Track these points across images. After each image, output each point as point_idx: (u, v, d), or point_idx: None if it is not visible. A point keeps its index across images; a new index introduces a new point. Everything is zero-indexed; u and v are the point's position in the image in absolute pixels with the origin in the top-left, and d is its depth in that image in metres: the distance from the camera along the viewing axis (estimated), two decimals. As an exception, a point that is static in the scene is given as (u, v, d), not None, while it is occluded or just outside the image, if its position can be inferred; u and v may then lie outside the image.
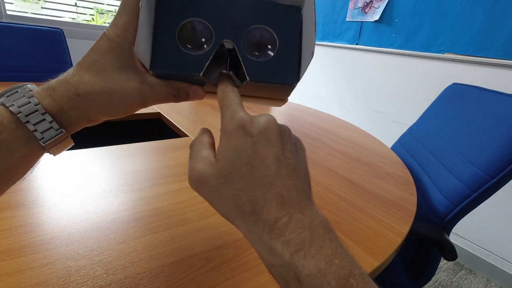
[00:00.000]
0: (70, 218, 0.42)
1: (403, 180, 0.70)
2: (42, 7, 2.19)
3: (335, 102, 2.25)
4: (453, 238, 1.62)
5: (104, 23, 2.41)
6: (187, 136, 0.82)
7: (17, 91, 0.23)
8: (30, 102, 0.22)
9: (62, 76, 0.24)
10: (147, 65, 0.24)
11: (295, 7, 0.25)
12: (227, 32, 0.24)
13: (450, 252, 0.59)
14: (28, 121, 0.22)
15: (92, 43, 0.25)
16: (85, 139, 0.94)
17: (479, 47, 1.40)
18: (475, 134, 0.68)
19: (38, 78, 1.33)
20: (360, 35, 1.94)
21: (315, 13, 0.23)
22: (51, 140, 0.23)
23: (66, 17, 2.27)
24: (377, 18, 1.80)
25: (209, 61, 0.24)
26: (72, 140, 0.26)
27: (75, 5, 2.30)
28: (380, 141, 1.01)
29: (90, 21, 2.37)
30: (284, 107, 1.39)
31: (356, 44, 1.97)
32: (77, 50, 2.23)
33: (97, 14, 2.38)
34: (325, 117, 1.28)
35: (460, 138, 0.73)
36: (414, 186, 0.67)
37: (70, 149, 0.27)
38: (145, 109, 1.00)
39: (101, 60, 0.24)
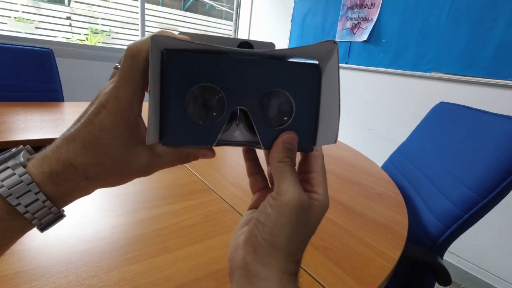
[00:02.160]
0: (39, 249, 0.39)
1: (394, 201, 0.69)
2: (36, 27, 2.21)
3: (327, 120, 2.26)
4: (448, 256, 1.59)
5: (98, 42, 2.43)
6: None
7: (9, 168, 0.20)
8: (30, 191, 0.20)
9: (63, 155, 0.21)
10: (156, 138, 0.22)
11: (313, 65, 0.22)
12: (240, 98, 0.21)
13: (444, 277, 0.57)
14: (27, 212, 0.20)
15: (84, 62, 0.22)
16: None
17: (464, 66, 1.43)
18: (464, 153, 0.68)
19: (27, 98, 1.31)
20: (349, 55, 1.98)
21: (338, 70, 0.20)
22: (49, 225, 0.22)
23: (60, 37, 2.28)
24: (365, 39, 1.84)
25: (221, 134, 0.22)
26: (64, 215, 0.23)
27: (70, 25, 2.32)
28: (371, 160, 1.00)
29: (84, 40, 2.39)
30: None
31: (346, 63, 2.01)
32: (69, 69, 2.24)
33: (91, 34, 2.40)
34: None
35: (450, 157, 0.72)
36: (405, 207, 0.65)
37: None
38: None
39: (106, 137, 0.21)
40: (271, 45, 0.24)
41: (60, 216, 0.22)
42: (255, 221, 0.22)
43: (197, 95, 0.21)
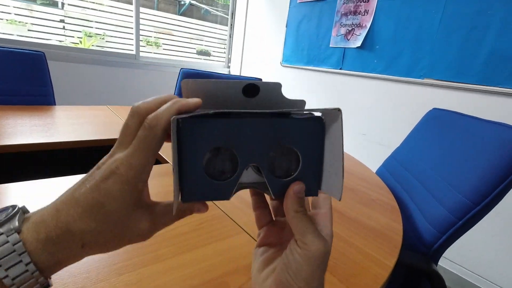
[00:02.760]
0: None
1: (388, 207, 0.69)
2: (28, 30, 2.18)
3: (321, 125, 2.27)
4: (441, 261, 1.59)
5: (92, 45, 2.41)
6: (168, 162, 0.79)
7: (3, 234, 0.19)
8: (21, 261, 0.19)
9: (62, 219, 0.20)
10: (176, 197, 0.23)
11: (316, 118, 0.24)
12: (251, 156, 0.23)
13: (439, 284, 0.57)
14: (13, 284, 0.19)
15: (77, 66, 0.21)
16: (55, 167, 0.90)
17: (456, 73, 1.45)
18: (457, 160, 0.68)
19: (17, 101, 1.29)
20: (343, 60, 2.00)
21: (342, 134, 0.22)
22: None
23: (53, 40, 2.26)
24: (359, 45, 1.86)
25: (236, 187, 0.24)
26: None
27: (63, 28, 2.30)
28: (365, 166, 1.01)
29: (78, 43, 2.37)
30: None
31: (340, 68, 2.03)
32: (61, 73, 2.21)
33: (85, 37, 2.38)
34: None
35: (443, 163, 0.73)
36: (400, 214, 0.65)
37: (31, 178, 0.24)
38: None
39: (110, 204, 0.21)
40: (277, 85, 0.25)
41: (46, 286, 0.21)
42: (284, 269, 0.23)
43: (212, 156, 0.23)
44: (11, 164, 0.83)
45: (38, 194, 0.55)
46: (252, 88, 0.24)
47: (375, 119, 1.89)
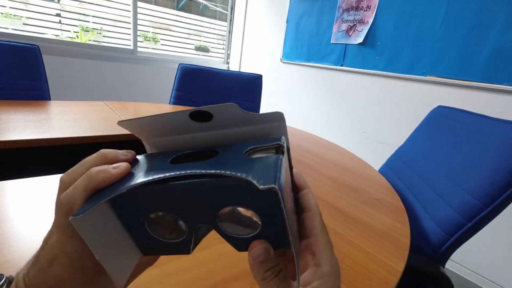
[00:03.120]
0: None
1: (393, 207, 0.67)
2: (23, 23, 2.14)
3: (321, 122, 2.25)
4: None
5: (89, 40, 2.37)
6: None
7: None
8: None
9: None
10: (139, 253, 0.22)
11: (271, 192, 0.17)
12: (197, 218, 0.20)
13: (447, 287, 0.55)
14: None
15: (73, 60, 0.19)
16: (49, 164, 0.87)
17: (459, 70, 1.43)
18: (465, 159, 0.66)
19: (10, 96, 1.25)
20: (344, 57, 1.97)
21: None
22: None
23: (49, 34, 2.21)
24: (361, 41, 1.84)
25: (193, 241, 0.21)
26: None
27: (59, 22, 2.26)
28: (367, 164, 0.99)
29: (74, 38, 2.33)
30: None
31: (341, 65, 2.00)
32: (57, 67, 2.17)
33: (82, 32, 2.34)
34: (311, 138, 1.26)
35: (450, 162, 0.71)
36: (406, 215, 0.63)
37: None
38: (125, 130, 0.94)
39: (65, 286, 0.20)
40: (231, 107, 0.20)
41: None
42: None
43: (155, 222, 0.21)
44: (3, 161, 0.80)
45: (32, 193, 0.53)
46: (201, 115, 0.21)
47: (377, 117, 1.87)
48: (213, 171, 0.18)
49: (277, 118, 0.22)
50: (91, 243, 0.19)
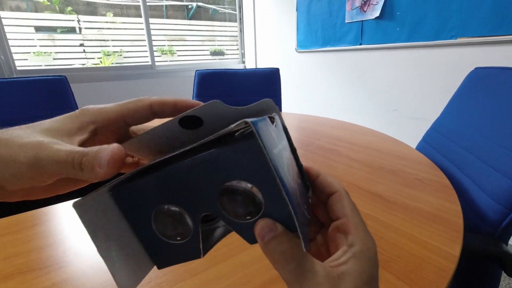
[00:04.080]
0: (62, 286, 0.37)
1: (439, 185, 0.61)
2: (54, 58, 2.30)
3: (347, 107, 2.16)
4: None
5: (112, 63, 2.49)
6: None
7: None
8: None
9: None
10: (152, 266, 0.22)
11: (247, 134, 0.17)
12: (199, 207, 0.19)
13: (514, 267, 0.49)
14: None
15: (98, 84, 0.19)
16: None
17: (494, 25, 1.29)
18: (516, 121, 0.59)
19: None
20: (362, 35, 1.87)
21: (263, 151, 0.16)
22: None
23: (76, 64, 2.36)
24: (378, 15, 1.73)
25: (201, 241, 0.20)
26: None
27: (84, 51, 2.40)
28: (402, 143, 0.92)
29: (99, 63, 2.46)
30: (293, 120, 1.32)
31: (360, 44, 1.90)
32: (85, 93, 2.31)
33: (104, 56, 2.47)
34: (338, 124, 1.20)
35: (498, 128, 0.63)
36: (454, 192, 0.58)
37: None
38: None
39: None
40: (217, 103, 0.19)
41: None
42: None
43: (160, 219, 0.20)
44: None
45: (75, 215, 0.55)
46: (190, 118, 0.20)
47: (406, 92, 1.76)
48: (197, 143, 0.17)
49: (269, 106, 0.21)
50: (93, 235, 0.18)
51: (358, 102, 2.07)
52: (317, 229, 0.23)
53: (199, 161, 0.18)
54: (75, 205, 0.18)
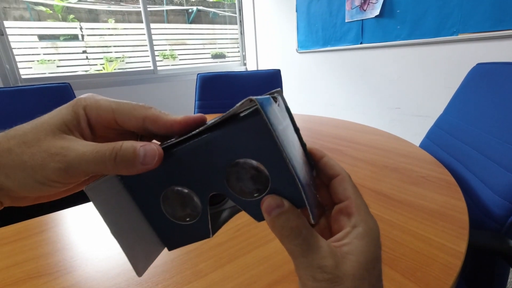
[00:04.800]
0: (69, 290, 0.37)
1: (443, 182, 0.61)
2: (57, 66, 2.33)
3: (349, 107, 2.16)
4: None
5: (114, 69, 2.52)
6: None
7: None
8: None
9: None
10: (158, 253, 0.22)
11: (252, 112, 0.17)
12: (207, 187, 0.19)
13: (522, 263, 0.48)
14: None
15: (101, 90, 0.20)
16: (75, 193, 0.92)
17: (495, 20, 1.28)
18: (519, 116, 0.58)
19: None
20: (362, 34, 1.87)
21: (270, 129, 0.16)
22: None
23: (79, 71, 2.39)
24: (378, 13, 1.73)
25: (210, 221, 0.21)
26: None
27: (86, 58, 2.43)
28: (406, 141, 0.92)
29: (101, 70, 2.49)
30: (296, 120, 1.32)
31: (360, 43, 1.90)
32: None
33: (107, 63, 2.49)
34: (341, 123, 1.20)
35: (501, 123, 0.63)
36: (459, 188, 0.57)
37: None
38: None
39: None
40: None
41: None
42: None
43: (169, 200, 0.20)
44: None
45: (86, 219, 0.56)
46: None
47: (408, 90, 1.75)
48: (204, 126, 0.18)
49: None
50: (105, 217, 0.19)
51: (360, 101, 2.07)
52: (320, 212, 0.23)
53: (206, 141, 0.18)
54: (87, 189, 0.18)
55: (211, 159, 0.19)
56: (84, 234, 0.51)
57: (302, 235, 0.17)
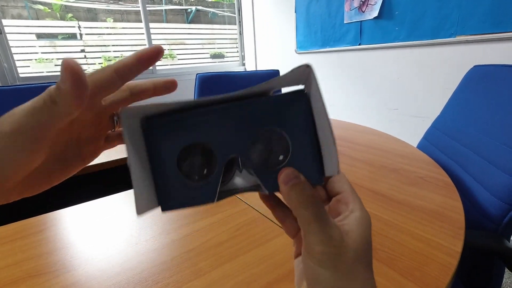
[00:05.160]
0: (69, 289, 0.37)
1: (440, 183, 0.62)
2: (55, 65, 2.32)
3: (347, 107, 2.17)
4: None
5: (112, 69, 2.51)
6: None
7: None
8: None
9: None
10: (155, 206, 0.21)
11: (298, 92, 0.20)
12: (229, 147, 0.20)
13: (517, 263, 0.49)
14: None
15: None
16: (81, 187, 0.92)
17: (493, 22, 1.30)
18: (516, 118, 0.59)
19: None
20: (361, 35, 1.88)
21: (321, 95, 0.19)
22: None
23: (77, 70, 2.38)
24: (376, 15, 1.74)
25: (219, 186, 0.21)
26: None
27: (85, 57, 2.42)
28: (404, 141, 0.92)
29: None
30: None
31: (359, 44, 1.91)
32: (88, 99, 2.32)
33: (105, 62, 2.49)
34: (340, 124, 1.21)
35: (497, 125, 0.64)
36: (455, 189, 0.58)
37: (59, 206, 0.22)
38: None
39: (25, 106, 0.17)
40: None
41: None
42: (306, 279, 0.20)
43: (187, 155, 0.20)
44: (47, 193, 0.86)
45: (84, 218, 0.56)
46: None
47: (406, 91, 1.76)
48: (248, 91, 0.19)
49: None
50: (128, 143, 0.19)
51: (359, 101, 2.08)
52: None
53: (248, 104, 0.20)
54: (121, 110, 0.19)
55: (246, 121, 0.20)
56: (84, 233, 0.51)
57: (317, 204, 0.19)
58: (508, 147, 0.57)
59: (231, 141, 0.20)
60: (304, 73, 0.19)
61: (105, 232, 0.50)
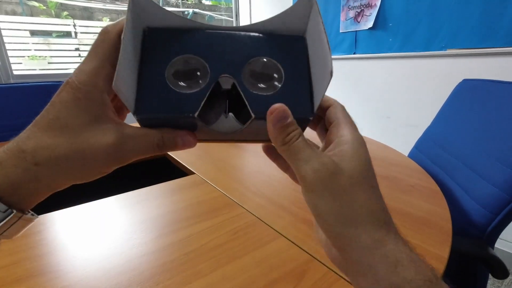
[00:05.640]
0: (72, 288, 0.38)
1: (429, 191, 0.64)
2: (48, 63, 2.30)
3: (342, 113, 2.21)
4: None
5: (107, 68, 2.50)
6: (194, 173, 0.79)
7: None
8: None
9: (13, 142, 0.19)
10: (131, 109, 0.20)
11: (297, 37, 0.23)
12: (223, 66, 0.21)
13: (500, 269, 0.52)
14: None
15: None
16: (81, 188, 0.92)
17: (482, 38, 1.35)
18: (501, 131, 0.62)
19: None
20: (356, 44, 1.93)
21: (324, 32, 0.21)
22: None
23: (71, 68, 2.36)
24: (371, 26, 1.79)
25: (205, 100, 0.20)
26: (32, 217, 0.21)
27: (79, 55, 2.40)
28: (395, 150, 0.95)
29: (93, 68, 2.46)
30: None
31: (354, 53, 1.96)
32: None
33: (100, 61, 2.47)
34: (334, 131, 1.23)
35: (485, 137, 0.67)
36: (443, 198, 0.61)
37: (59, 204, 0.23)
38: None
39: (64, 115, 0.19)
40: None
41: (10, 214, 0.19)
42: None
43: (179, 65, 0.21)
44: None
45: (76, 221, 0.56)
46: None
47: (399, 100, 1.81)
48: (253, 26, 0.22)
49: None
50: (125, 30, 0.19)
51: (352, 109, 2.11)
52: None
53: (251, 36, 0.22)
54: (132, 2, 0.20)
55: (245, 48, 0.22)
56: (85, 234, 0.52)
57: (302, 137, 0.20)
58: (493, 158, 0.61)
59: (226, 61, 0.21)
60: (307, 6, 0.22)
61: (106, 233, 0.51)
